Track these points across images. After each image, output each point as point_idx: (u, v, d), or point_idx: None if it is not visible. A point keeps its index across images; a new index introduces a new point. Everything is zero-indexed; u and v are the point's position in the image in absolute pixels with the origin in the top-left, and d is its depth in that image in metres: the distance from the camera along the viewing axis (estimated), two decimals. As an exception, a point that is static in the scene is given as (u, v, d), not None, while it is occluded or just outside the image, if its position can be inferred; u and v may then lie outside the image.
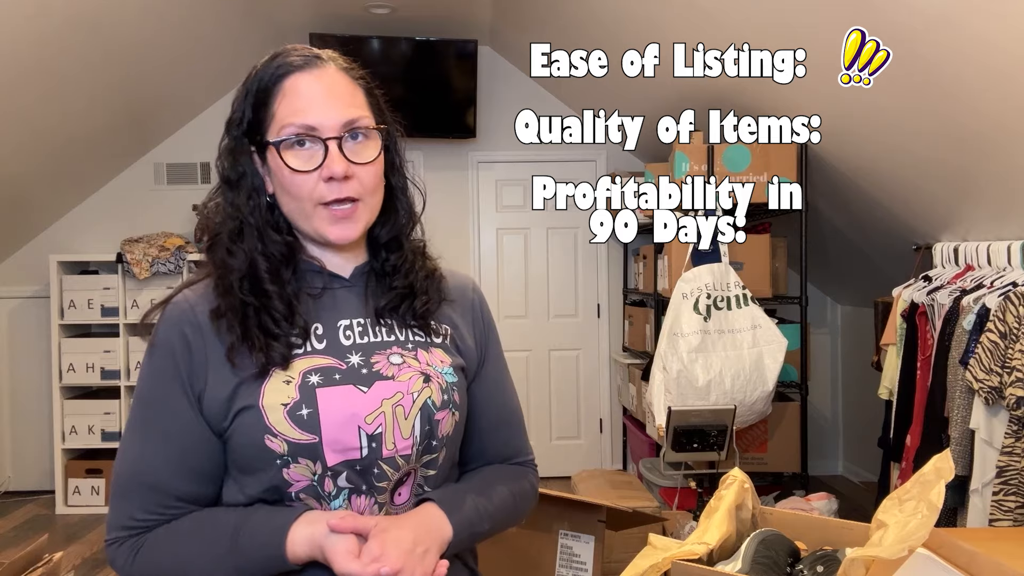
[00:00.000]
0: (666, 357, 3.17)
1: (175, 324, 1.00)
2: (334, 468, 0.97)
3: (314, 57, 1.03)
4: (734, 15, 2.91)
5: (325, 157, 0.98)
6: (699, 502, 3.14)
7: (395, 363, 1.03)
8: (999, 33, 2.11)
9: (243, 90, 1.03)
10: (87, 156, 4.59)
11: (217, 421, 0.98)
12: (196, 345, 0.99)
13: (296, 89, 1.00)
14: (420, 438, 1.01)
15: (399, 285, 1.07)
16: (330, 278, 1.06)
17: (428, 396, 1.02)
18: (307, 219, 1.01)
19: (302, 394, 0.97)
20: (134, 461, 0.99)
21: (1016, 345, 2.20)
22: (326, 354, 1.01)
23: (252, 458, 0.97)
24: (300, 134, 0.99)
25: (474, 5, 4.38)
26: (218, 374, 0.98)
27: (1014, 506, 2.18)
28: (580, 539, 2.16)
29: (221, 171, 1.04)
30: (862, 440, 4.74)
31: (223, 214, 1.04)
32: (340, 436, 0.97)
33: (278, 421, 0.95)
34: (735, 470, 1.49)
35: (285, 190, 1.01)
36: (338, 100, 1.01)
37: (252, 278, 1.00)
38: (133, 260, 4.53)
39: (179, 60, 4.28)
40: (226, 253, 1.01)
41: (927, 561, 1.35)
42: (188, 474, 0.98)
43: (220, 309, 0.99)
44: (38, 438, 4.88)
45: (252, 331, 0.97)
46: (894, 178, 3.16)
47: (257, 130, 1.02)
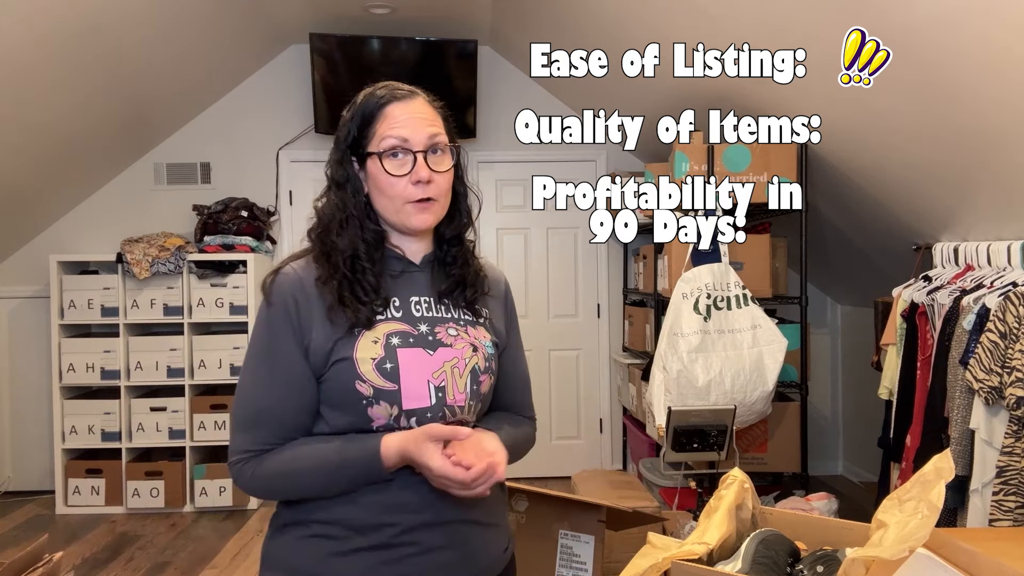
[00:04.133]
0: (666, 357, 3.17)
1: (288, 289, 1.26)
2: (407, 411, 1.23)
3: (407, 91, 1.34)
4: (734, 15, 2.91)
5: (414, 165, 1.27)
6: (699, 502, 3.14)
7: (452, 334, 1.31)
8: (999, 33, 2.11)
9: (348, 114, 1.33)
10: (87, 156, 4.59)
11: (318, 367, 1.24)
12: (304, 306, 1.25)
13: (394, 114, 1.30)
14: (470, 395, 1.29)
15: (456, 273, 1.36)
16: (407, 263, 1.34)
17: (476, 362, 1.31)
18: (396, 213, 1.30)
19: (386, 351, 1.24)
20: (259, 396, 1.25)
21: (1016, 345, 2.20)
22: (402, 321, 1.28)
23: (343, 397, 1.23)
24: (396, 146, 1.27)
25: (474, 5, 4.38)
26: (321, 330, 1.24)
27: (1014, 506, 2.18)
28: (580, 539, 2.16)
29: (331, 175, 1.33)
30: (862, 440, 4.74)
31: (332, 208, 1.31)
32: (414, 386, 1.24)
33: (368, 371, 1.22)
34: (735, 470, 1.49)
35: (381, 190, 1.29)
36: (424, 121, 1.30)
37: (353, 257, 1.28)
38: (133, 260, 4.53)
39: (179, 60, 4.28)
40: (336, 236, 1.29)
41: (927, 561, 1.35)
42: (298, 407, 1.25)
43: (323, 277, 1.27)
44: (38, 438, 4.88)
45: (346, 296, 1.25)
46: (894, 178, 3.16)
47: (360, 144, 1.31)
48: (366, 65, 4.65)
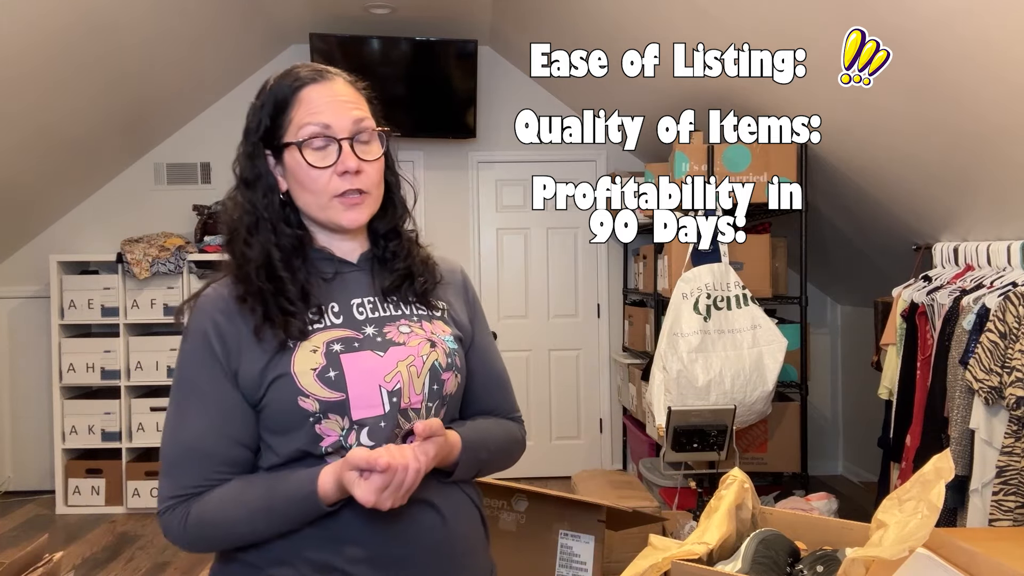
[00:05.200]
0: (666, 357, 3.17)
1: (207, 312, 1.14)
2: (359, 421, 1.11)
3: (324, 71, 1.19)
4: (734, 15, 2.91)
5: (339, 155, 1.14)
6: (699, 502, 3.14)
7: (404, 332, 1.18)
8: (999, 33, 2.11)
9: (259, 102, 1.18)
10: (87, 156, 4.59)
11: (252, 392, 1.11)
12: (228, 329, 1.12)
13: (311, 97, 1.15)
14: (429, 395, 1.16)
15: (400, 268, 1.22)
16: (340, 264, 1.21)
17: (435, 359, 1.17)
18: (323, 210, 1.16)
19: (328, 360, 1.11)
20: (182, 435, 1.12)
21: (1016, 345, 2.20)
22: (344, 327, 1.15)
23: (287, 419, 1.10)
24: (317, 133, 1.13)
25: (474, 5, 4.38)
26: (250, 352, 1.11)
27: (1014, 506, 2.18)
28: (580, 539, 2.16)
29: (239, 173, 1.19)
30: (862, 440, 4.74)
31: (240, 210, 1.17)
32: (364, 393, 1.11)
33: (309, 384, 1.09)
34: (735, 470, 1.49)
35: (303, 185, 1.15)
36: (347, 104, 1.16)
37: (267, 267, 1.14)
38: (133, 260, 4.53)
39: (179, 60, 4.28)
40: (244, 245, 1.16)
41: (927, 561, 1.35)
42: (230, 441, 1.12)
43: (242, 295, 1.14)
44: (38, 438, 4.88)
45: (272, 311, 1.12)
46: (894, 178, 3.16)
47: (274, 135, 1.16)
48: (366, 65, 4.64)
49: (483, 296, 5.12)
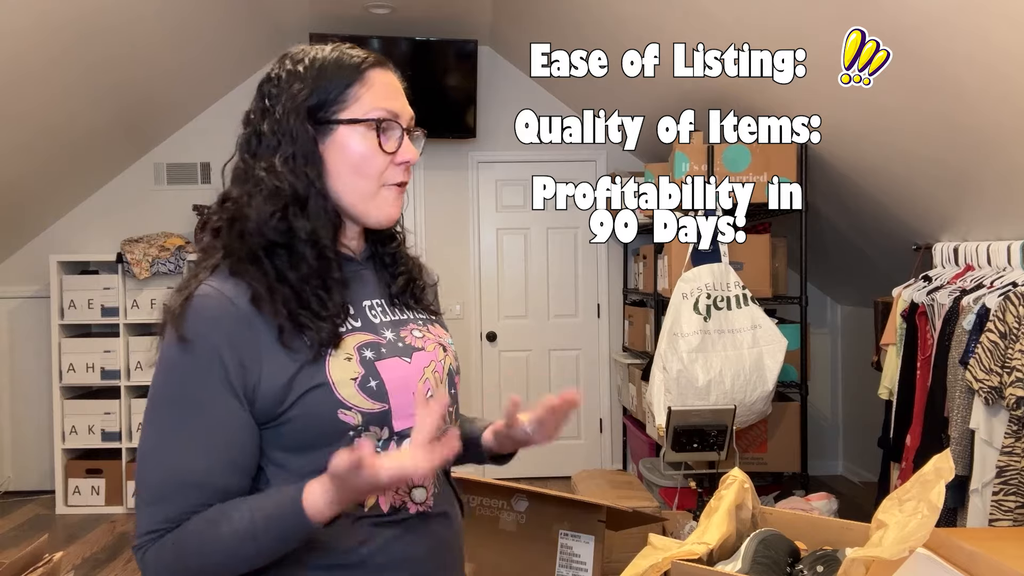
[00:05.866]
0: (666, 357, 3.17)
1: (214, 318, 0.98)
2: (401, 432, 1.03)
3: (383, 58, 1.13)
4: (734, 15, 2.91)
5: (400, 143, 1.08)
6: (699, 502, 3.14)
7: (418, 336, 1.13)
8: (999, 33, 2.11)
9: (311, 72, 1.07)
10: (87, 156, 4.59)
11: (271, 407, 0.98)
12: (242, 338, 0.97)
13: (379, 81, 1.09)
14: (450, 400, 1.12)
15: (403, 270, 1.17)
16: (354, 261, 1.12)
17: (450, 363, 1.15)
18: (368, 198, 1.07)
19: (365, 368, 1.02)
20: (177, 463, 0.96)
21: (1016, 345, 2.20)
22: (365, 331, 1.07)
23: (318, 434, 0.99)
24: (387, 119, 1.07)
25: (474, 5, 4.38)
26: (273, 360, 0.98)
27: (1014, 506, 2.18)
28: (580, 539, 2.16)
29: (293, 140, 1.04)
30: (862, 440, 4.74)
31: (292, 180, 1.03)
32: (403, 403, 1.04)
33: (351, 395, 0.99)
34: (735, 470, 1.49)
35: (356, 167, 1.06)
36: (405, 99, 1.13)
37: (319, 246, 1.03)
38: (133, 260, 4.53)
39: (179, 60, 4.28)
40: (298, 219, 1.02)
41: (927, 561, 1.35)
42: (234, 470, 0.98)
43: (261, 294, 0.99)
44: (38, 438, 4.88)
45: (300, 313, 1.00)
46: (894, 178, 3.16)
47: (327, 109, 1.06)
48: (366, 65, 4.64)
49: (483, 296, 5.13)
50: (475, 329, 5.11)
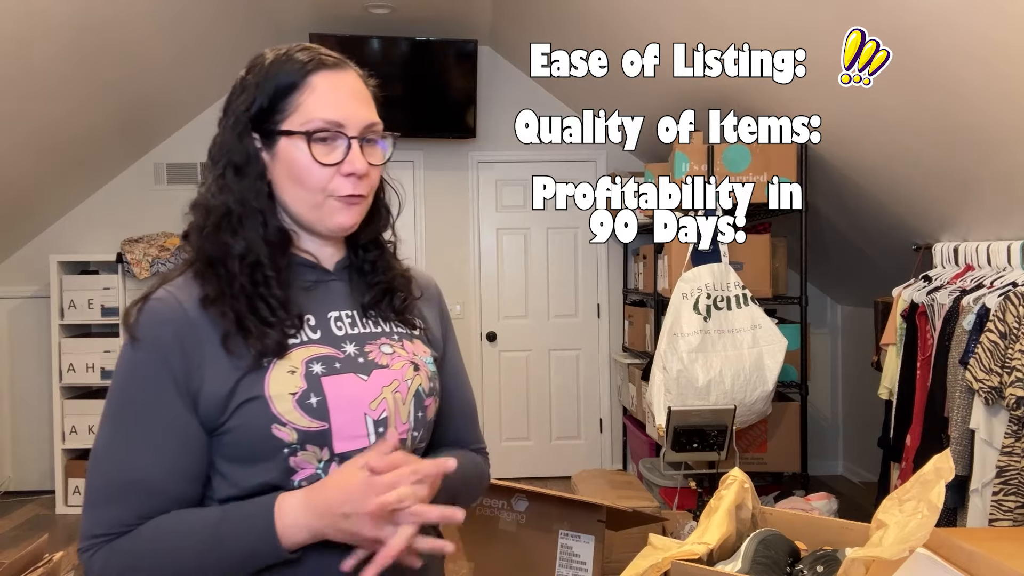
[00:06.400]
0: (666, 357, 3.17)
1: (164, 321, 0.97)
2: (341, 455, 0.98)
3: (339, 58, 1.08)
4: (734, 15, 2.91)
5: (347, 153, 1.02)
6: (699, 502, 3.14)
7: (387, 352, 1.06)
8: (999, 32, 2.11)
9: (254, 78, 1.05)
10: (87, 156, 4.59)
11: (213, 416, 0.96)
12: (190, 342, 0.96)
13: (325, 85, 1.03)
14: (414, 423, 1.05)
15: (380, 281, 1.11)
16: (321, 271, 1.08)
17: (419, 384, 1.07)
18: (314, 208, 1.03)
19: (308, 383, 0.97)
20: (122, 465, 0.95)
21: (1016, 345, 2.20)
22: (322, 343, 1.02)
23: (255, 448, 0.96)
24: (328, 129, 1.01)
25: (474, 5, 4.38)
26: (216, 369, 0.96)
27: (1014, 506, 2.18)
28: (580, 539, 2.17)
29: (226, 154, 1.05)
30: (862, 440, 4.74)
31: (225, 196, 1.02)
32: (348, 422, 0.98)
33: (287, 410, 0.95)
34: (735, 470, 1.49)
35: (298, 179, 1.02)
36: (361, 103, 1.06)
37: (254, 264, 1.00)
38: (133, 260, 4.53)
39: (179, 60, 4.28)
40: (230, 235, 1.01)
41: (927, 561, 1.35)
42: (182, 475, 0.96)
43: (212, 295, 0.98)
44: (38, 438, 4.88)
45: (248, 318, 0.97)
46: (894, 178, 3.16)
47: (268, 118, 1.03)
48: (366, 65, 4.60)
49: (483, 296, 5.13)
50: (475, 329, 5.11)
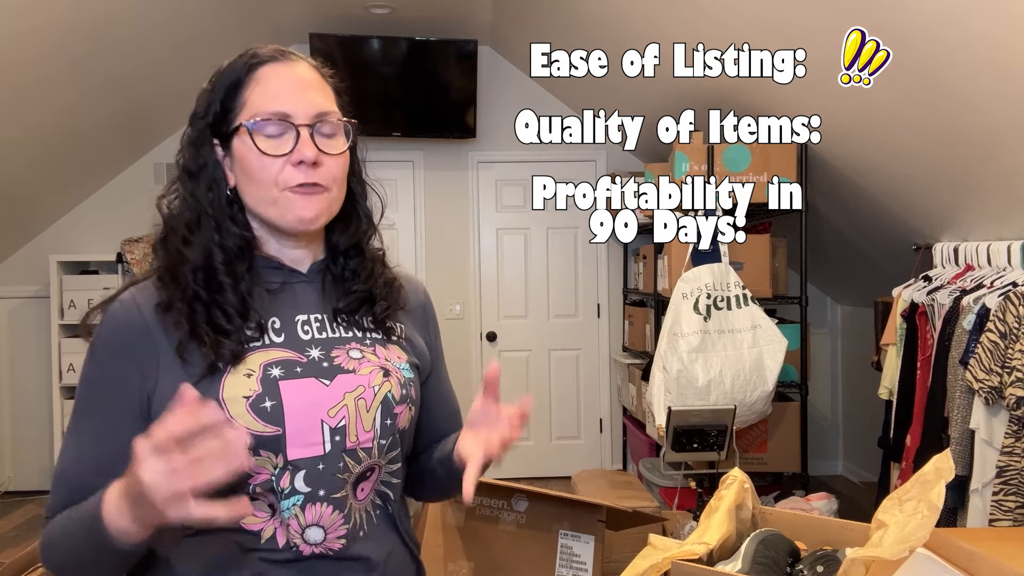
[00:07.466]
0: (666, 357, 3.17)
1: (121, 324, 0.97)
2: (295, 462, 0.96)
3: (285, 51, 1.05)
4: (734, 15, 2.91)
5: (296, 142, 0.99)
6: (699, 502, 3.14)
7: (355, 357, 1.03)
8: (999, 33, 2.11)
9: (210, 84, 1.04)
10: (87, 156, 4.59)
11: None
12: (142, 345, 0.96)
13: (268, 78, 1.01)
14: (380, 432, 1.01)
15: (359, 289, 1.07)
16: (288, 273, 1.06)
17: (388, 390, 1.03)
18: (272, 204, 1.00)
19: (264, 386, 0.95)
20: (63, 455, 0.98)
21: (1016, 345, 2.20)
22: (285, 347, 1.00)
23: None
24: (273, 117, 0.99)
25: (474, 5, 4.38)
26: (170, 372, 0.95)
27: (1014, 506, 2.18)
28: (580, 539, 2.17)
29: (182, 162, 1.05)
30: (862, 440, 4.74)
31: (180, 205, 1.03)
32: (303, 429, 0.96)
33: (240, 414, 0.93)
34: (735, 470, 1.49)
35: (251, 176, 1.00)
36: (310, 91, 1.02)
37: (207, 269, 0.99)
38: (133, 260, 4.53)
39: (179, 60, 4.27)
40: (182, 243, 1.00)
41: (927, 561, 1.35)
42: (97, 471, 0.93)
43: (167, 302, 0.97)
44: (38, 438, 4.88)
45: (201, 326, 0.95)
46: (894, 178, 3.16)
47: (223, 120, 1.02)
48: (366, 65, 4.65)
49: (483, 296, 5.13)
50: (475, 329, 5.11)
